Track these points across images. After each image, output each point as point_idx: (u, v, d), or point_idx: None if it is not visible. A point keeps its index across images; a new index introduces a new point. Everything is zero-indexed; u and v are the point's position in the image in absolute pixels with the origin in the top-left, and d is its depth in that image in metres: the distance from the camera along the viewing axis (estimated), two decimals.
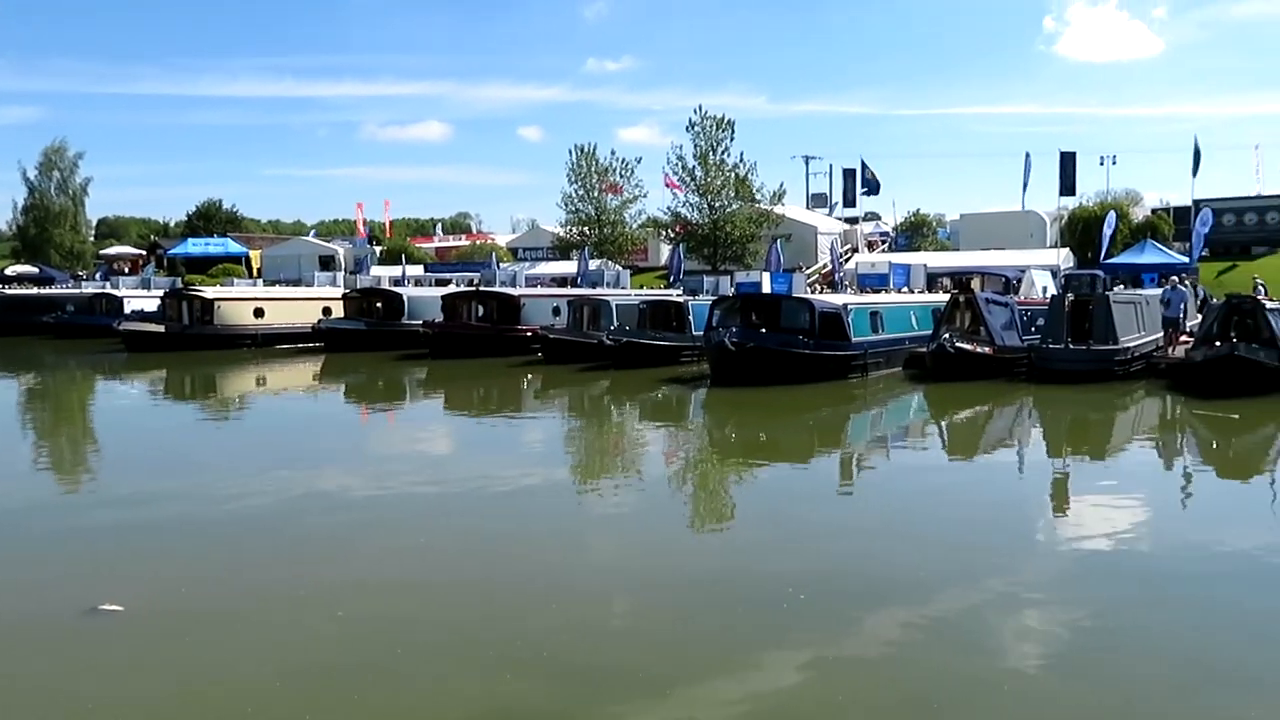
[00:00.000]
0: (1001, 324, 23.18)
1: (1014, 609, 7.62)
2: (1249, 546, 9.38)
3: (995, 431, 17.64)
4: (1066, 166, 40.22)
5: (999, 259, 40.03)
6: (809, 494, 12.18)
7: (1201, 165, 42.51)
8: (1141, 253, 36.83)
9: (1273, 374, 19.05)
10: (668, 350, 26.37)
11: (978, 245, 45.50)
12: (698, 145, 45.94)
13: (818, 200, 70.21)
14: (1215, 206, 40.78)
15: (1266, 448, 15.51)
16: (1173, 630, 7.14)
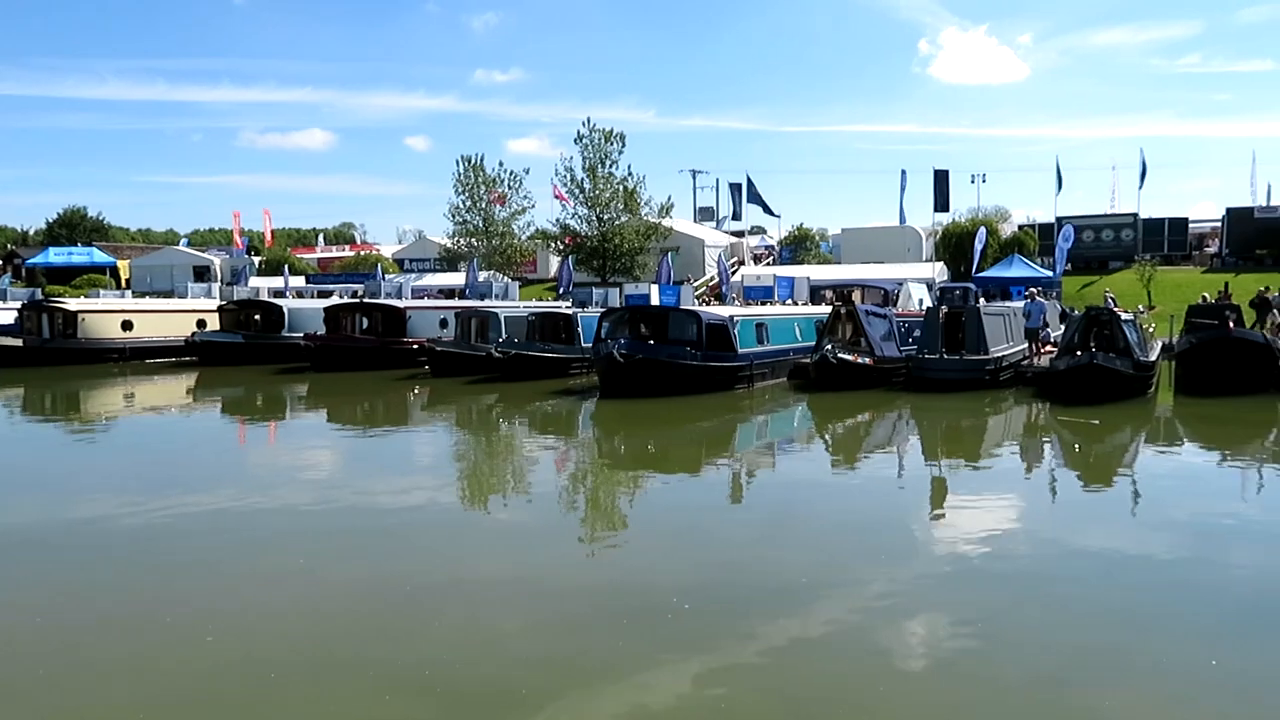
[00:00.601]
0: (881, 335, 23.93)
1: (896, 611, 7.83)
2: (1111, 545, 9.90)
3: (876, 439, 18.16)
4: (940, 184, 41.81)
5: (878, 272, 41.39)
6: (698, 503, 12.28)
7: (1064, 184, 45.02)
8: (1010, 267, 38.59)
9: (1128, 381, 20.23)
10: (557, 362, 26.31)
11: (858, 259, 46.95)
12: (586, 158, 46.08)
13: (705, 214, 71.29)
14: (1076, 223, 43.13)
15: (1124, 451, 16.39)
16: (1045, 627, 7.45)
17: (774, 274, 40.87)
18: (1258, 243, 41.86)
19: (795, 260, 52.22)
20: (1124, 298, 33.38)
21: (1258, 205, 45.71)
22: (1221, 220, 45.07)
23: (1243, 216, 43.59)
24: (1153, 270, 39.34)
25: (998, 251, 42.69)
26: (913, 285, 35.75)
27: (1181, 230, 46.82)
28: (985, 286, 36.24)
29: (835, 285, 39.81)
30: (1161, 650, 6.92)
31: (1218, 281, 34.27)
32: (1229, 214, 44.30)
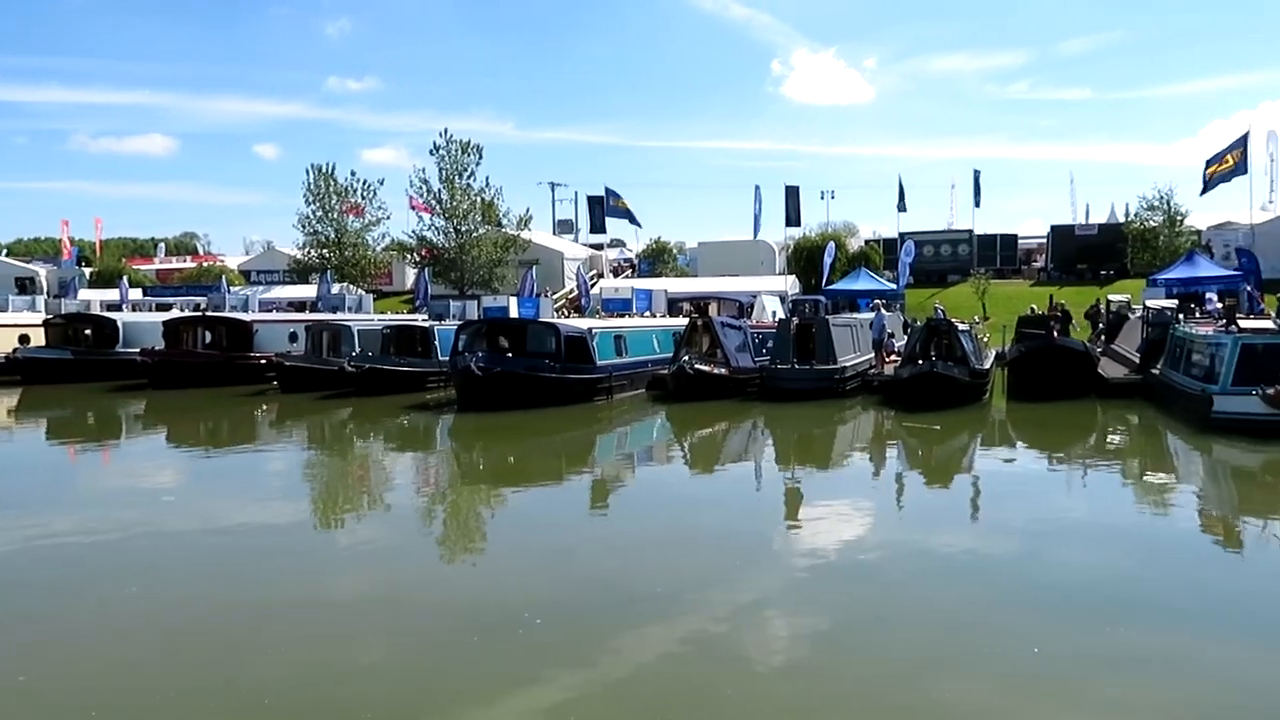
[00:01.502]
0: (736, 346, 24.48)
1: (754, 616, 8.01)
2: (954, 545, 10.41)
3: (732, 448, 18.55)
4: (792, 200, 43.35)
5: (734, 285, 42.37)
6: (557, 516, 12.25)
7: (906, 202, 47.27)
8: (857, 280, 40.18)
9: (965, 388, 21.38)
10: (413, 376, 25.77)
11: (715, 272, 47.94)
12: (443, 169, 45.42)
13: (564, 226, 71.38)
14: (917, 239, 45.35)
15: (962, 454, 17.30)
16: (895, 625, 7.76)
17: (632, 286, 41.28)
18: (1078, 258, 45.02)
19: (653, 273, 52.89)
20: (960, 309, 35.24)
21: (1078, 223, 49.24)
22: (1047, 237, 48.23)
23: (1065, 234, 46.81)
24: (986, 283, 41.74)
25: (846, 265, 44.39)
26: (766, 297, 36.76)
27: (1012, 246, 49.89)
28: (834, 298, 37.65)
29: (692, 298, 40.54)
30: (997, 642, 7.31)
31: (1044, 294, 36.64)
32: (1053, 231, 47.49)
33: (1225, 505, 13.00)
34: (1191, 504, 13.26)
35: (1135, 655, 7.05)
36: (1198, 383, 18.19)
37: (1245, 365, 16.98)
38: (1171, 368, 20.45)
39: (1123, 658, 6.97)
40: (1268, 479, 14.54)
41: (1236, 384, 16.86)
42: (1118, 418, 20.55)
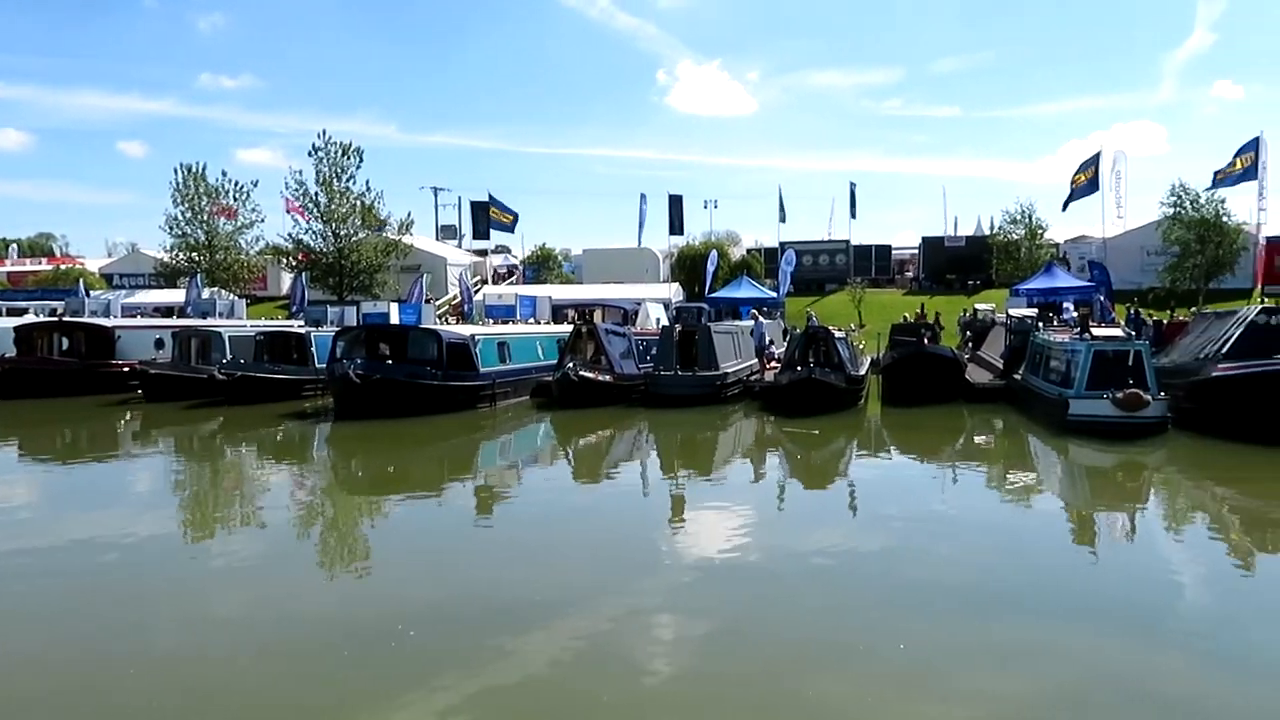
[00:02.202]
0: (620, 353, 24.61)
1: (640, 620, 8.05)
2: (833, 544, 10.69)
3: (617, 454, 18.61)
4: (675, 209, 43.79)
5: (618, 292, 42.56)
6: (440, 526, 12.06)
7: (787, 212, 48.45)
8: (739, 288, 40.91)
9: (842, 394, 22.03)
10: (288, 384, 24.97)
11: (599, 279, 48.06)
12: (321, 171, 44.16)
13: (447, 232, 70.38)
14: (797, 248, 46.45)
15: (840, 457, 17.81)
16: (777, 624, 7.91)
17: (517, 293, 41.00)
18: (947, 268, 46.93)
19: (538, 280, 52.68)
20: (837, 317, 36.30)
21: (947, 235, 51.32)
22: (919, 248, 50.12)
23: (935, 245, 48.74)
24: (862, 292, 43.10)
25: (728, 273, 45.13)
26: (651, 305, 37.07)
27: (886, 256, 51.65)
28: (717, 306, 38.24)
29: (577, 304, 40.56)
30: (868, 639, 7.54)
31: (916, 303, 38.07)
32: (924, 243, 49.39)
33: (1081, 503, 13.74)
34: (1051, 502, 13.98)
35: (996, 647, 7.38)
36: (1055, 387, 19.20)
37: (1098, 370, 18.03)
38: (1032, 373, 21.53)
39: (984, 650, 7.30)
40: (1119, 477, 15.45)
41: (1090, 388, 17.88)
42: (984, 421, 21.50)
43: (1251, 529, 11.69)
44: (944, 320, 32.30)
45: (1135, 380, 17.69)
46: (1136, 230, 41.92)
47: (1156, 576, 9.66)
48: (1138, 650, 7.34)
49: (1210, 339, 19.27)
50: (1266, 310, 18.86)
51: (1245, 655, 7.22)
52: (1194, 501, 13.79)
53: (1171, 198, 38.01)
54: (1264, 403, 16.55)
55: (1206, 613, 8.52)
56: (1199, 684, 6.72)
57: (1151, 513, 13.10)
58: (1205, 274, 36.33)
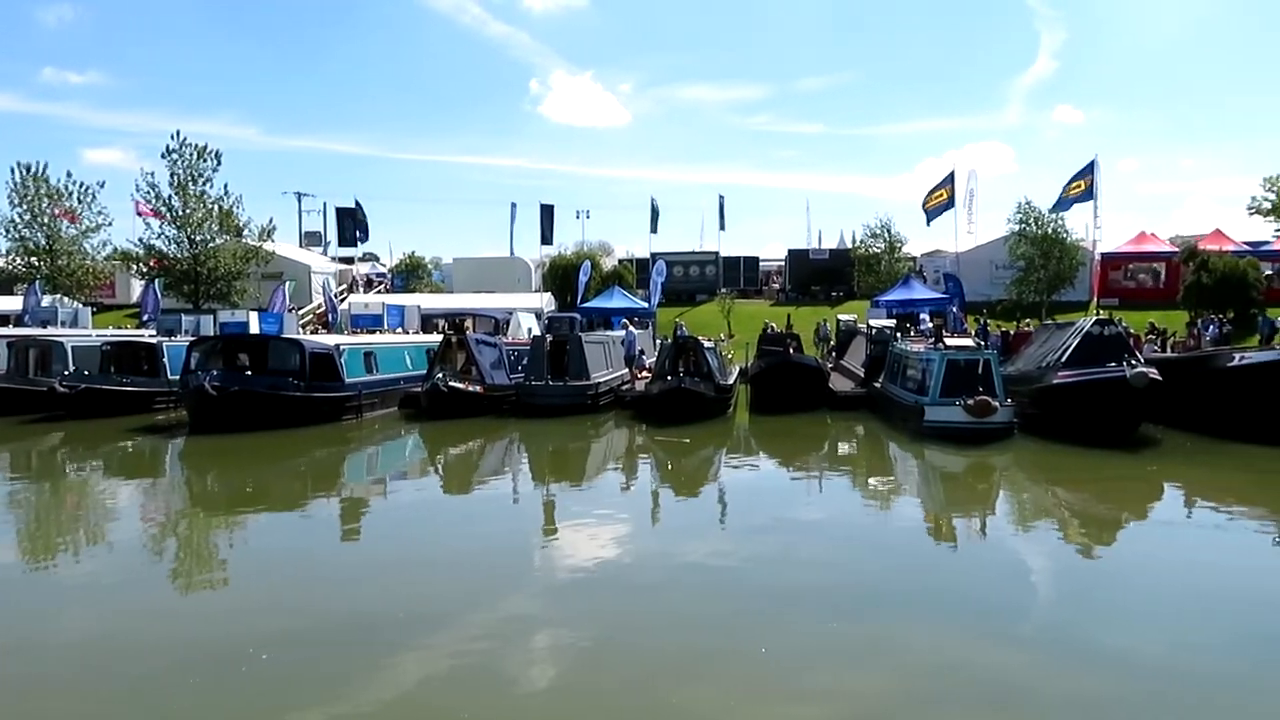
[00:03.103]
0: (491, 363, 24.38)
1: (515, 634, 7.97)
2: (704, 551, 10.85)
3: (488, 465, 18.41)
4: (546, 218, 43.73)
5: (489, 302, 42.14)
6: (303, 543, 11.65)
7: (659, 223, 48.99)
8: (611, 298, 41.14)
9: (711, 403, 22.41)
10: (137, 397, 23.72)
11: (470, 288, 47.48)
12: (175, 174, 42.12)
13: (312, 239, 68.28)
14: (668, 259, 47.04)
15: (710, 465, 18.09)
16: (650, 632, 7.98)
17: (384, 302, 40.11)
18: (812, 280, 48.35)
19: (407, 289, 51.66)
20: (707, 327, 36.92)
21: (812, 248, 52.94)
22: (785, 260, 51.48)
23: (801, 257, 50.16)
24: (731, 303, 43.95)
25: (600, 284, 45.31)
26: (522, 314, 36.85)
27: (754, 268, 52.84)
28: (589, 316, 38.33)
29: (447, 314, 39.95)
30: (732, 643, 7.69)
31: (783, 313, 39.09)
32: (790, 255, 50.76)
33: (936, 505, 14.36)
34: (909, 504, 14.56)
35: (855, 646, 7.65)
36: (912, 395, 20.03)
37: (951, 379, 18.91)
38: (891, 381, 22.40)
39: (843, 649, 7.56)
40: (970, 480, 16.23)
41: (944, 396, 18.73)
42: (846, 428, 22.23)
43: (1089, 526, 12.47)
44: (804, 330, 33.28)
45: (984, 388, 18.63)
46: (987, 245, 44.15)
47: (1004, 573, 10.19)
48: (986, 643, 7.72)
49: (1051, 348, 20.47)
50: (1100, 322, 20.17)
51: (1084, 646, 7.68)
52: (1037, 501, 14.61)
53: (1018, 215, 40.22)
54: (1098, 407, 17.69)
55: (1049, 606, 9.04)
56: (1040, 673, 7.11)
57: (1000, 513, 13.80)
58: (1048, 287, 38.53)
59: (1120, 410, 17.69)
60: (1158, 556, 10.90)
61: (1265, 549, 11.29)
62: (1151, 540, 11.95)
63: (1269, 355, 18.52)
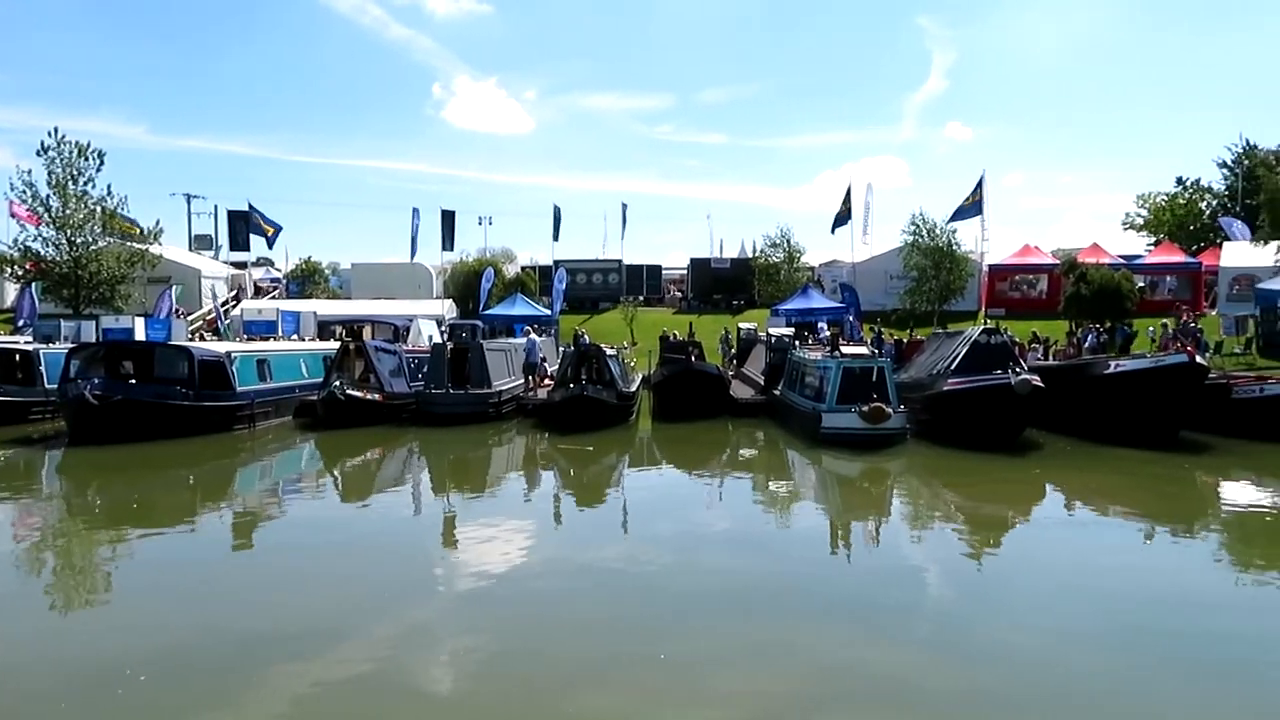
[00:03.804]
0: (390, 371, 23.97)
1: (416, 645, 7.86)
2: (607, 558, 10.90)
3: (387, 475, 18.08)
4: (448, 224, 43.16)
5: (389, 308, 41.37)
6: (191, 558, 11.22)
7: (562, 231, 48.90)
8: (514, 305, 40.90)
9: (614, 410, 22.49)
10: (10, 407, 22.52)
11: (370, 294, 46.52)
12: (53, 173, 40.15)
13: (202, 242, 65.98)
14: (571, 266, 47.01)
15: (613, 472, 18.15)
16: (553, 640, 7.94)
17: (279, 308, 39.00)
18: (714, 288, 48.97)
19: (303, 294, 50.30)
20: (610, 335, 37.02)
21: (714, 257, 53.59)
22: (687, 269, 52.00)
23: (703, 266, 50.73)
24: (634, 311, 44.15)
25: (503, 291, 44.98)
26: (423, 321, 36.30)
27: (657, 276, 53.22)
28: (491, 323, 38.01)
29: (345, 320, 39.10)
30: (634, 649, 7.73)
31: (686, 321, 39.48)
32: (692, 263, 51.29)
33: (834, 509, 14.71)
34: (807, 509, 14.89)
35: (753, 649, 7.78)
36: (810, 402, 20.47)
37: (847, 386, 19.39)
38: (789, 389, 22.84)
39: (741, 652, 7.67)
40: (865, 485, 16.67)
41: (840, 402, 19.20)
42: (747, 434, 22.57)
43: (977, 528, 12.94)
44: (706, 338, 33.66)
45: (879, 395, 19.16)
46: (881, 256, 45.40)
47: (898, 574, 10.50)
48: (881, 642, 7.94)
49: (941, 356, 21.20)
50: (987, 331, 20.99)
51: (972, 643, 7.98)
52: (929, 504, 15.09)
53: (911, 227, 41.55)
54: (985, 413, 18.39)
55: (940, 605, 9.35)
56: (931, 670, 7.34)
57: (894, 516, 14.20)
58: (940, 297, 39.88)
59: (1005, 416, 18.42)
60: (1041, 555, 11.38)
61: (1138, 547, 11.91)
62: (1035, 540, 12.48)
63: (1142, 363, 19.55)
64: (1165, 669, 7.44)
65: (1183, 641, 8.06)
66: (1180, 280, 41.09)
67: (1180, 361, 18.52)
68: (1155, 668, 7.46)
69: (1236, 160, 63.26)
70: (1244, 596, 9.73)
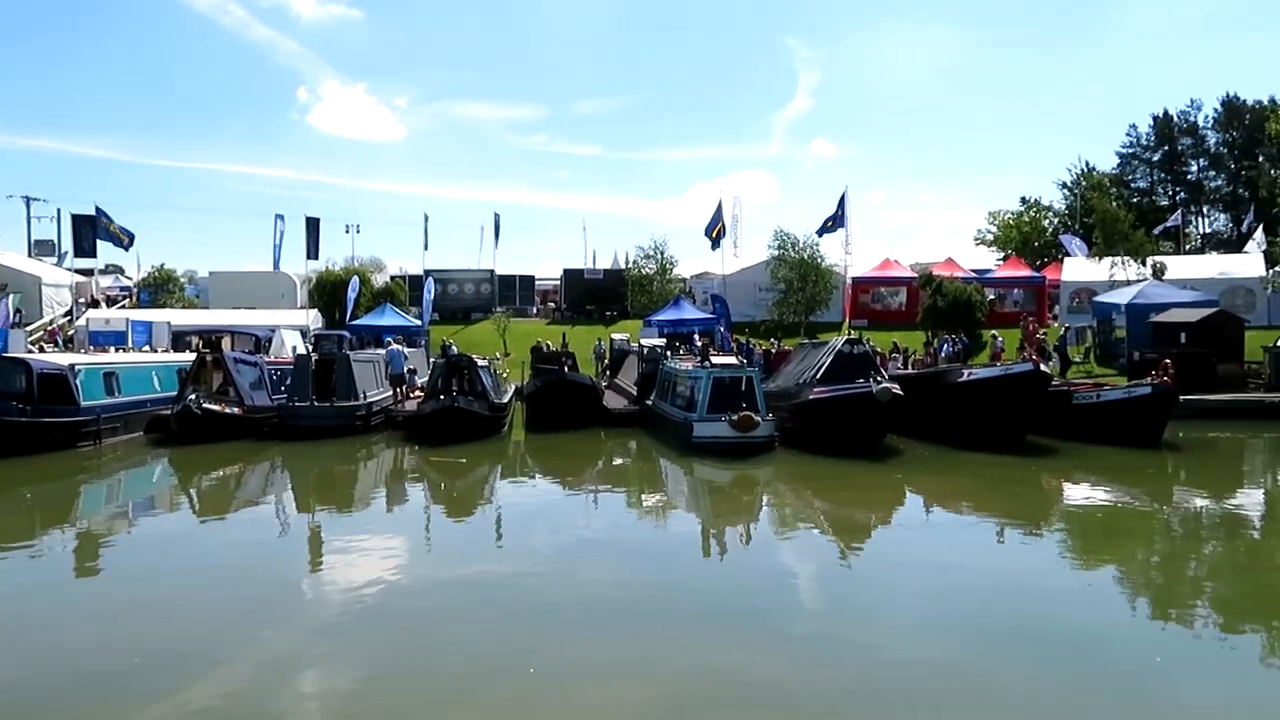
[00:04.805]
0: (251, 383, 23.04)
1: (278, 670, 7.59)
2: (483, 571, 10.78)
3: (248, 491, 17.37)
4: (313, 231, 41.90)
5: (250, 318, 39.74)
6: (27, 586, 10.49)
7: (433, 240, 48.15)
8: (382, 315, 39.92)
9: (485, 421, 22.21)
10: None
11: (229, 304, 44.59)
12: None
13: (43, 248, 61.97)
14: (442, 276, 46.30)
15: (485, 484, 17.93)
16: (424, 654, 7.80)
17: (129, 318, 36.98)
18: (587, 299, 49.05)
19: (156, 303, 47.81)
20: (483, 346, 36.56)
21: (587, 268, 53.69)
22: (560, 279, 51.93)
23: (576, 277, 50.75)
24: (507, 321, 43.78)
25: (371, 300, 43.90)
26: (286, 332, 35.01)
27: (530, 286, 52.96)
28: (359, 334, 37.01)
29: (202, 331, 37.36)
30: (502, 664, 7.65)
31: (559, 332, 39.37)
32: (566, 274, 51.26)
33: (705, 516, 14.92)
34: (680, 517, 15.05)
35: (622, 658, 7.83)
36: (681, 411, 20.72)
37: (717, 395, 19.71)
38: (662, 399, 23.06)
39: (610, 662, 7.72)
40: (735, 492, 16.97)
41: (711, 411, 19.50)
42: (620, 444, 22.66)
43: (842, 532, 13.34)
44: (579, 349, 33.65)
45: (748, 404, 19.55)
46: (750, 268, 46.40)
47: (767, 579, 10.72)
48: (748, 647, 8.09)
49: (808, 366, 21.80)
50: (850, 341, 21.70)
51: (837, 645, 8.23)
52: (797, 510, 15.48)
53: (777, 241, 42.65)
54: (848, 421, 19.01)
55: (807, 608, 9.62)
56: (797, 672, 7.54)
57: (763, 522, 14.51)
58: (806, 308, 41.03)
59: (868, 423, 19.07)
60: (903, 557, 11.82)
61: (992, 546, 12.51)
62: (898, 542, 12.96)
63: (992, 371, 20.58)
64: (1018, 659, 7.83)
65: (1035, 633, 8.48)
66: (1026, 293, 43.44)
67: (1026, 370, 19.59)
68: (1010, 659, 7.84)
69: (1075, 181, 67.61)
70: (1085, 587, 10.36)
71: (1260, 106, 54.71)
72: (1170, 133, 71.60)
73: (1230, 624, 8.98)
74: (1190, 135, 71.57)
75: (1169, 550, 12.48)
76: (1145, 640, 8.48)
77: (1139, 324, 29.76)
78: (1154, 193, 72.87)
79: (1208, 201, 73.12)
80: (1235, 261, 42.06)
